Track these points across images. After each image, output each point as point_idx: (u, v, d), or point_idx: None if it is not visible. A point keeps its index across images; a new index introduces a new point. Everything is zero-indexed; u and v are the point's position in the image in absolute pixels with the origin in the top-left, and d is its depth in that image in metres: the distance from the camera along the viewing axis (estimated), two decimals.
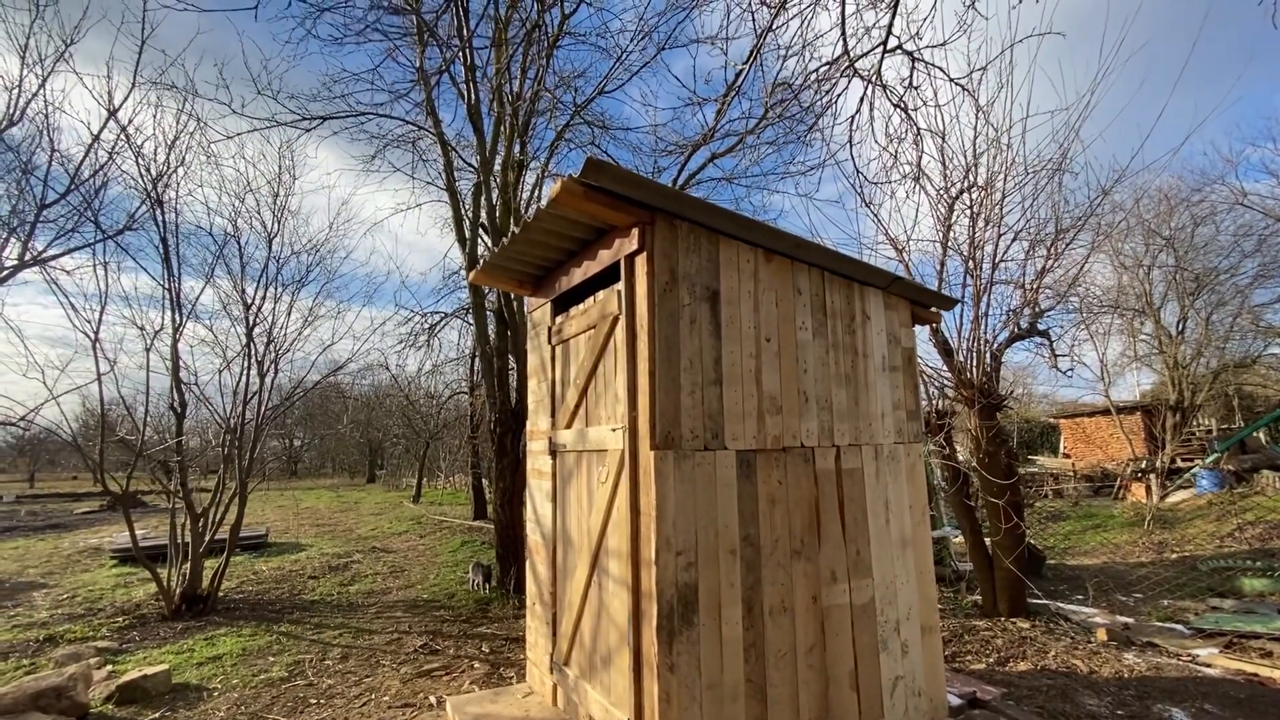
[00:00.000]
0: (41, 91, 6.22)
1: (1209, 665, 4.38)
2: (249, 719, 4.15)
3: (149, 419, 7.03)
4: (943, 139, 6.29)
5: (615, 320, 3.06)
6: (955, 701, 3.53)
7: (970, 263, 5.62)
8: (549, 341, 3.89)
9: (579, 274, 3.49)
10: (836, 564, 3.16)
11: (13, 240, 6.25)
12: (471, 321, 8.42)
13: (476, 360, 11.18)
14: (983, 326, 5.48)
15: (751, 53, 4.56)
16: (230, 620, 6.59)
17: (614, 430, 3.00)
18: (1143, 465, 12.35)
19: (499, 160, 7.09)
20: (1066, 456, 18.29)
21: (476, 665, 5.01)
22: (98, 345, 6.39)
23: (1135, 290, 16.03)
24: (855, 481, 3.32)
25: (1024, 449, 24.34)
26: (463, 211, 7.46)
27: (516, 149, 7.05)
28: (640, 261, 2.88)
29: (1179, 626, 5.00)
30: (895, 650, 3.29)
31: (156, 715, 4.24)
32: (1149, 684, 4.07)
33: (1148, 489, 11.47)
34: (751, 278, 3.12)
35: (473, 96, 6.94)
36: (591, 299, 3.38)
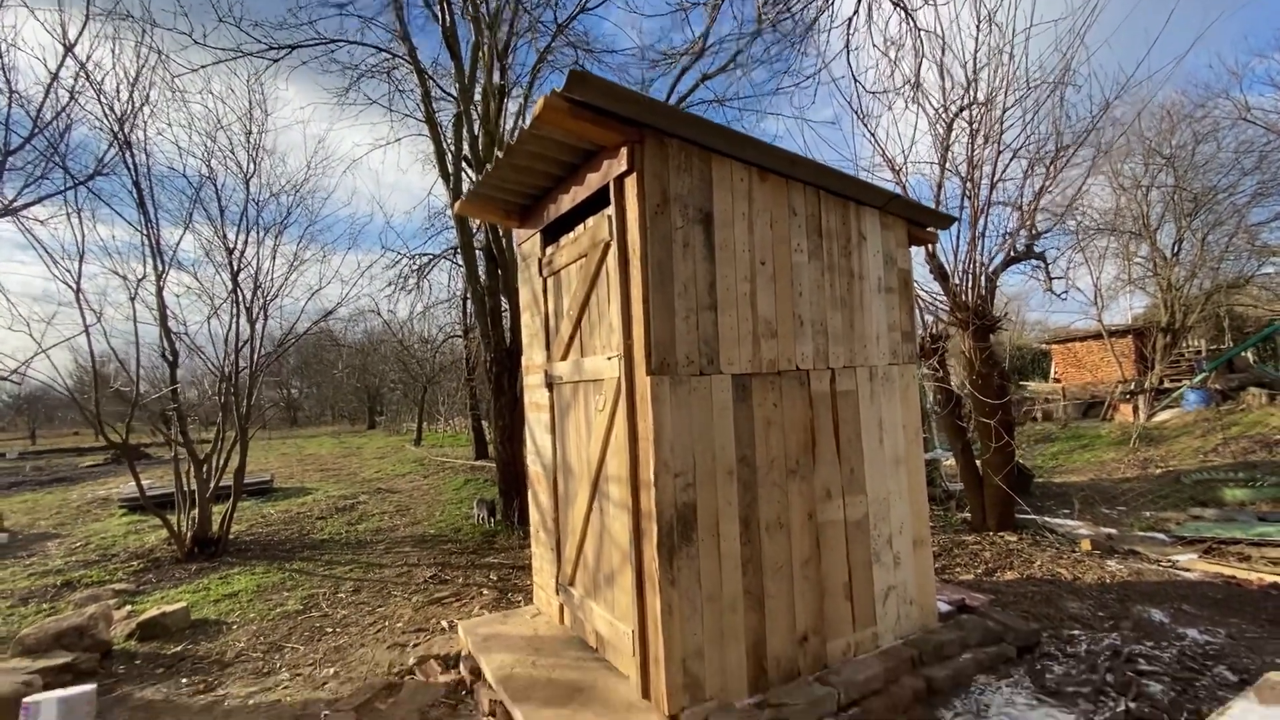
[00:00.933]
0: None
1: (1188, 570, 4.57)
2: (268, 648, 4.33)
3: (142, 370, 6.97)
4: (943, 46, 6.02)
5: (606, 247, 2.99)
6: (945, 608, 3.69)
7: (968, 183, 5.49)
8: (540, 274, 3.82)
9: (567, 201, 3.38)
10: (831, 482, 3.22)
11: None
12: (461, 262, 8.26)
13: (468, 302, 11.07)
14: (979, 248, 5.41)
15: None
16: (243, 561, 6.77)
17: (609, 359, 2.99)
18: (1131, 387, 12.54)
19: (479, 88, 6.76)
20: (1057, 381, 18.56)
21: (485, 592, 5.20)
22: (80, 296, 6.27)
23: (1133, 212, 15.82)
24: (850, 403, 3.35)
25: (1015, 375, 24.68)
26: (444, 144, 7.18)
27: (496, 75, 6.72)
28: (630, 183, 2.78)
29: (1160, 535, 5.20)
30: (888, 562, 3.41)
31: (179, 648, 4.40)
32: (1130, 588, 4.26)
33: (1135, 409, 11.70)
34: (745, 198, 3.03)
35: (447, 19, 6.55)
36: (581, 226, 3.30)
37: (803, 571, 3.08)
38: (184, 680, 3.87)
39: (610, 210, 2.92)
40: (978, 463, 5.77)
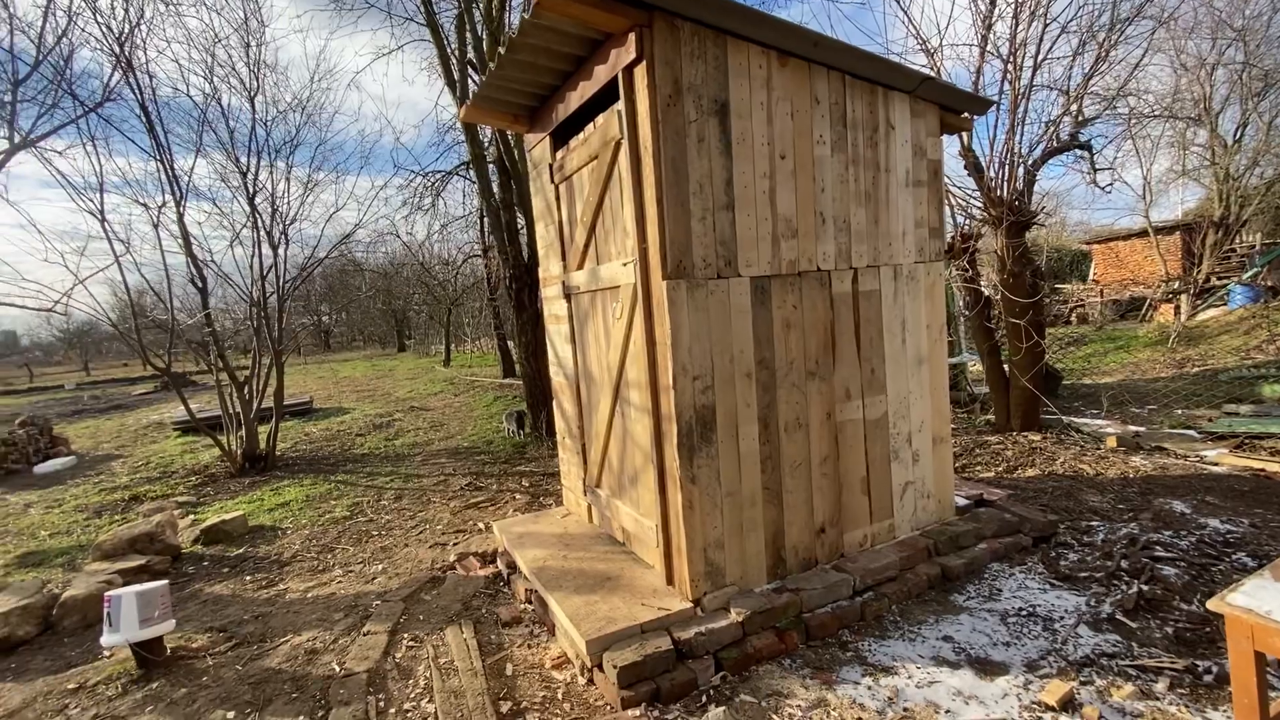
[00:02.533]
0: None
1: (1216, 464, 4.55)
2: (321, 549, 4.66)
3: (175, 300, 7.15)
4: None
5: (618, 145, 2.88)
6: (963, 503, 3.76)
7: (1009, 65, 5.06)
8: (551, 180, 3.72)
9: (576, 99, 3.22)
10: (851, 382, 3.22)
11: None
12: (474, 178, 8.07)
13: (485, 219, 10.90)
14: (1017, 136, 5.06)
15: None
16: (291, 474, 7.19)
17: (625, 265, 2.95)
18: (1174, 286, 12.00)
19: None
20: (1096, 283, 17.89)
21: (518, 497, 5.46)
22: (106, 225, 6.35)
23: (1193, 95, 14.52)
24: (872, 304, 3.28)
25: (1052, 278, 23.84)
26: (448, 48, 6.83)
27: None
28: (640, 73, 2.63)
29: (1190, 432, 5.14)
30: (906, 459, 3.45)
31: (240, 551, 4.78)
32: (1153, 482, 4.27)
33: (1176, 309, 11.24)
34: (764, 86, 2.85)
35: None
36: (591, 126, 3.16)
37: (821, 469, 3.14)
38: (248, 577, 4.22)
39: (620, 105, 2.78)
40: (1005, 364, 5.69)
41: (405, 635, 3.13)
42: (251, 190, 7.22)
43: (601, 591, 3.00)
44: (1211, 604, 1.75)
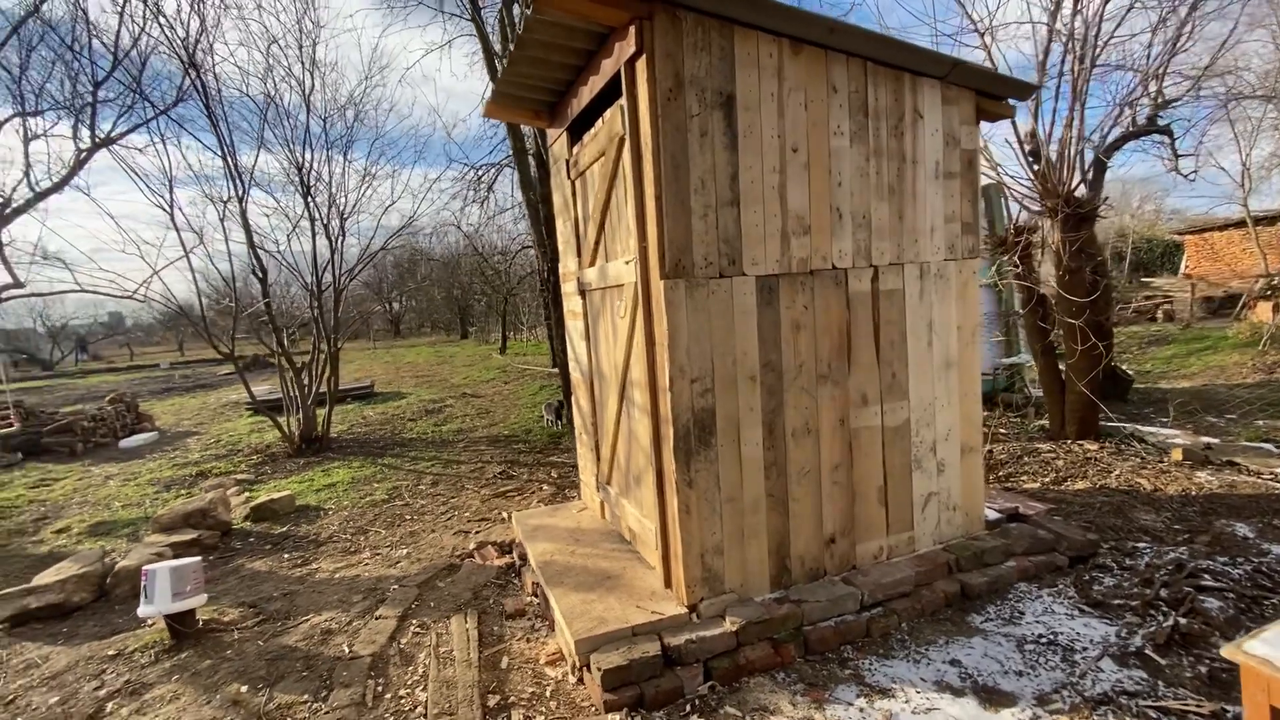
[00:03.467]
0: None
1: None
2: (356, 531, 4.88)
3: (238, 287, 7.61)
4: None
5: (621, 141, 2.83)
6: (993, 516, 3.54)
7: (1070, 40, 4.65)
8: (568, 176, 3.70)
9: (587, 94, 3.19)
10: (868, 387, 3.07)
11: (81, 124, 6.53)
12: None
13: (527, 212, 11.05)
14: (1076, 121, 4.66)
15: None
16: (342, 456, 7.56)
17: (627, 263, 2.91)
18: (1275, 281, 10.82)
19: None
20: (1187, 276, 16.40)
21: (545, 487, 5.54)
22: (176, 217, 6.82)
23: None
24: (895, 304, 3.11)
25: (1138, 270, 22.09)
26: (491, 43, 6.92)
27: None
28: (640, 67, 2.57)
29: (1268, 445, 4.64)
30: (930, 469, 3.27)
31: (284, 529, 5.06)
32: (1217, 500, 3.88)
33: (1276, 307, 10.15)
34: (775, 76, 2.73)
35: None
36: (600, 121, 3.12)
37: (832, 476, 3.02)
38: (286, 555, 4.47)
39: (623, 100, 2.73)
40: (1061, 366, 5.30)
41: (414, 621, 3.23)
42: (307, 185, 7.57)
43: (600, 590, 2.99)
44: (1227, 650, 1.57)
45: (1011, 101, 3.47)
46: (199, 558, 3.31)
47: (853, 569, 3.09)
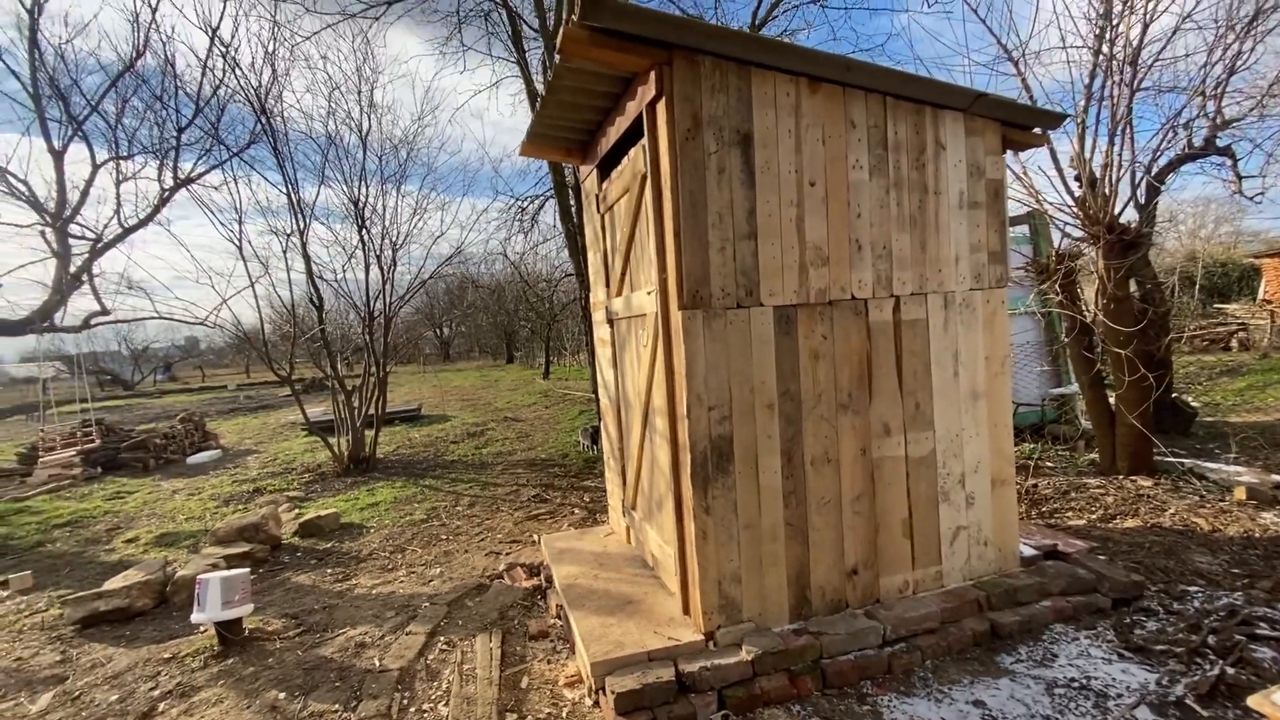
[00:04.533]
0: (154, 20, 6.76)
1: None
2: (394, 549, 5.06)
3: (298, 313, 8.09)
4: None
5: (644, 179, 2.95)
6: (1029, 553, 3.41)
7: (1110, 64, 4.57)
8: (598, 210, 3.86)
9: (614, 133, 3.35)
10: (890, 417, 3.05)
11: (165, 166, 7.16)
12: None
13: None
14: (1119, 146, 4.54)
15: None
16: (387, 476, 7.85)
17: (649, 294, 3.01)
18: None
19: (556, 19, 6.69)
20: (1266, 302, 15.39)
21: (576, 511, 5.62)
22: (244, 248, 7.35)
23: None
24: (918, 333, 3.10)
25: (1213, 296, 20.85)
26: (535, 85, 7.26)
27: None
28: (660, 109, 2.69)
29: None
30: (959, 502, 3.20)
31: (328, 545, 5.29)
32: None
33: None
34: (792, 114, 2.81)
35: None
36: (626, 159, 3.26)
37: (853, 507, 3.00)
38: (328, 570, 4.67)
39: (645, 140, 2.86)
40: (1110, 398, 5.08)
41: (441, 638, 3.34)
42: (363, 218, 8.04)
43: (620, 614, 3.04)
44: (1254, 700, 1.51)
45: (1038, 130, 3.45)
46: (248, 569, 3.53)
47: (876, 602, 3.04)
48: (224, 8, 7.12)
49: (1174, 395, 6.50)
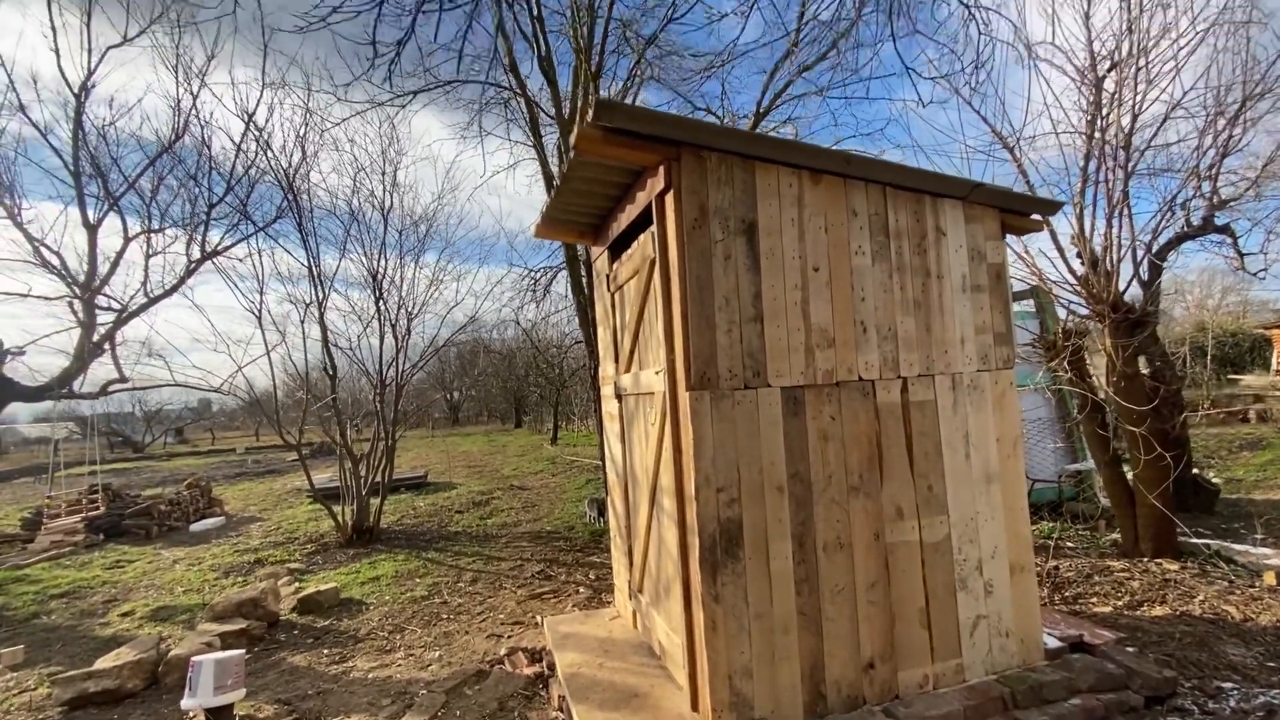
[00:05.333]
0: (194, 106, 7.23)
1: None
2: (393, 628, 4.91)
3: (311, 381, 8.20)
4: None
5: (653, 264, 3.05)
6: (1054, 644, 3.26)
7: (1104, 149, 4.75)
8: (608, 289, 3.96)
9: (625, 219, 3.48)
10: (903, 500, 3.00)
11: (194, 240, 7.48)
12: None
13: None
14: (1117, 228, 4.66)
15: None
16: (389, 548, 7.70)
17: (657, 373, 3.04)
18: None
19: (571, 109, 7.10)
20: (1279, 373, 15.25)
21: (581, 590, 5.46)
22: (263, 319, 7.54)
23: None
24: (927, 414, 3.09)
25: (1227, 366, 20.70)
26: (550, 167, 7.62)
27: (591, 97, 7.01)
28: (669, 200, 2.81)
29: None
30: (976, 589, 3.10)
31: (326, 623, 5.15)
32: None
33: None
34: (795, 204, 2.93)
35: (543, 47, 6.96)
36: (635, 243, 3.38)
37: (868, 595, 2.90)
38: (325, 651, 4.53)
39: (654, 227, 2.97)
40: (1129, 477, 4.97)
41: None
42: (379, 291, 8.27)
43: (626, 709, 2.90)
44: None
45: (1036, 217, 3.56)
46: (242, 651, 3.42)
47: (895, 698, 2.89)
48: (260, 95, 7.50)
49: (1194, 471, 6.37)
